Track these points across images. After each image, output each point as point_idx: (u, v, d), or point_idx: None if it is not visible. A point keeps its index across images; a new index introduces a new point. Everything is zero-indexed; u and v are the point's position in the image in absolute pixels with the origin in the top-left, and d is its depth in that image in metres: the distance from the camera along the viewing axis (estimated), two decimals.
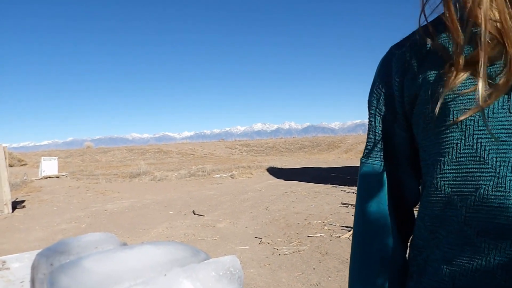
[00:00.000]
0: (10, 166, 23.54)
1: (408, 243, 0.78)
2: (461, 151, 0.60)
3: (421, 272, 0.68)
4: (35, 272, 0.67)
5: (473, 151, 0.58)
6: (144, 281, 0.48)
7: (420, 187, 0.76)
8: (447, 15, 0.59)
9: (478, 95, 0.55)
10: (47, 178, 17.03)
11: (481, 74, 0.55)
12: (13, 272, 1.06)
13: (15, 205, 9.74)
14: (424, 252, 0.67)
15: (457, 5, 0.59)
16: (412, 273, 0.70)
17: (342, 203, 8.45)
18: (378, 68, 0.75)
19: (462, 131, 0.59)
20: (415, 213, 0.78)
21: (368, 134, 0.78)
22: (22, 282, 0.99)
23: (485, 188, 0.57)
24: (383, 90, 0.73)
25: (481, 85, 0.55)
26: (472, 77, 0.58)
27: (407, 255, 0.77)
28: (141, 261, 0.52)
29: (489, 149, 0.57)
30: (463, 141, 0.59)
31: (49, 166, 17.97)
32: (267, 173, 16.80)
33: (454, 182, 0.61)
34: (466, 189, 0.59)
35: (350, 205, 8.11)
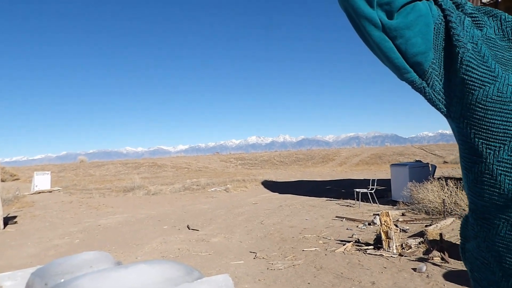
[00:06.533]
0: (2, 181, 23.26)
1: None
2: None
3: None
4: None
5: None
6: None
7: None
8: None
9: None
10: (40, 193, 16.85)
11: None
12: None
13: (7, 220, 9.61)
14: None
15: None
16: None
17: (336, 217, 8.45)
18: None
19: None
20: None
21: None
22: None
23: None
24: None
25: None
26: None
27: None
28: (135, 281, 0.54)
29: None
30: None
31: (42, 181, 17.80)
32: (262, 186, 16.76)
33: None
34: None
35: (344, 219, 8.10)
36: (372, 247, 5.57)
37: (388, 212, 5.43)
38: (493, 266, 0.68)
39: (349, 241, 6.06)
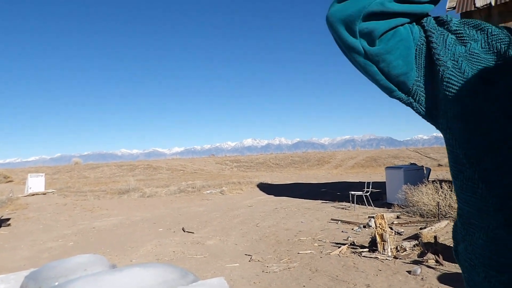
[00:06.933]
0: None
1: None
2: None
3: None
4: None
5: None
6: None
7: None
8: None
9: None
10: (34, 195, 16.72)
11: None
12: None
13: (0, 223, 9.53)
14: None
15: None
16: None
17: (331, 219, 8.46)
18: None
19: None
20: None
21: None
22: None
23: None
24: None
25: None
26: None
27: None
28: (130, 284, 0.53)
29: None
30: None
31: (36, 183, 17.67)
32: (257, 189, 16.75)
33: None
34: None
35: (339, 221, 8.12)
36: (367, 249, 5.59)
37: (383, 215, 5.45)
38: (478, 268, 0.72)
39: (344, 244, 6.07)
